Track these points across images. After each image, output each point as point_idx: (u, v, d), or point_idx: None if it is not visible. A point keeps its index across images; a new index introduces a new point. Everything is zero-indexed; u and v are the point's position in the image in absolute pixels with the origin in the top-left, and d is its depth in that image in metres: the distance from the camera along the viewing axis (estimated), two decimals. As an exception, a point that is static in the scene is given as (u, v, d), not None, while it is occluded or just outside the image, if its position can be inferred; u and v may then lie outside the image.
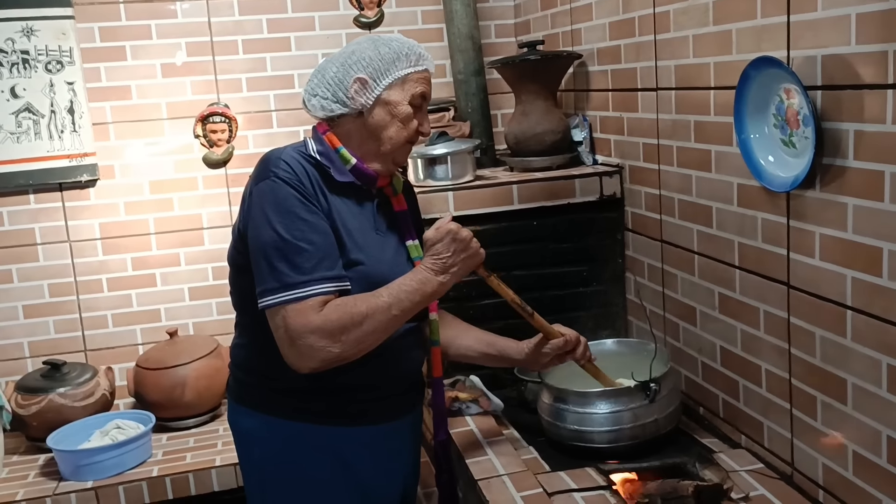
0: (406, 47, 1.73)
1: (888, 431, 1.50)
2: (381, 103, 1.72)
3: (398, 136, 1.74)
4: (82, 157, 2.95)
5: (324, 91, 1.73)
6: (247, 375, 1.80)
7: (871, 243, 1.50)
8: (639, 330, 2.51)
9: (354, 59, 1.71)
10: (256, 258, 1.62)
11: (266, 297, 1.59)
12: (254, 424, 1.78)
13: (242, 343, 1.81)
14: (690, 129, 2.08)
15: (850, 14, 1.48)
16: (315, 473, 1.76)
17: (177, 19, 3.01)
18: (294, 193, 1.62)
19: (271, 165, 1.65)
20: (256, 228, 1.62)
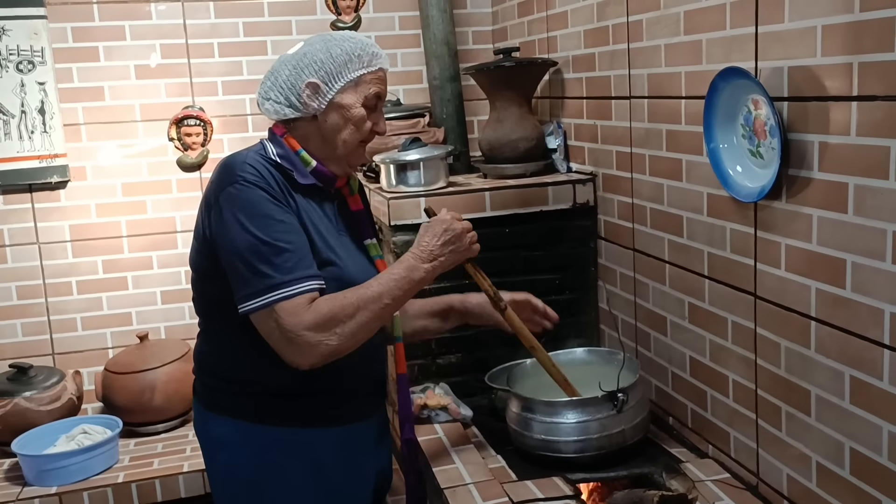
0: (359, 47, 1.70)
1: (851, 443, 1.50)
2: (335, 107, 1.70)
3: (352, 139, 1.73)
4: (53, 158, 2.92)
5: (276, 95, 1.71)
6: (217, 381, 1.77)
7: (834, 255, 1.50)
8: (610, 339, 2.50)
9: (306, 61, 1.68)
10: (233, 263, 1.59)
11: (251, 301, 1.57)
12: (224, 430, 1.75)
13: (210, 349, 1.79)
14: (662, 138, 2.08)
15: (817, 26, 1.49)
16: (288, 478, 1.74)
17: (151, 21, 2.99)
18: (265, 196, 1.61)
19: (237, 170, 1.62)
20: (230, 234, 1.59)
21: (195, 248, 1.72)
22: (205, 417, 1.80)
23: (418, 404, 2.26)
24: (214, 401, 1.78)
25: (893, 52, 1.31)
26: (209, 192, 1.66)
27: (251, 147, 1.75)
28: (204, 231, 1.66)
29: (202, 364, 1.82)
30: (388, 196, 2.41)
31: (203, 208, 1.68)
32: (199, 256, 1.71)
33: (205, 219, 1.66)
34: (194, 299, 1.79)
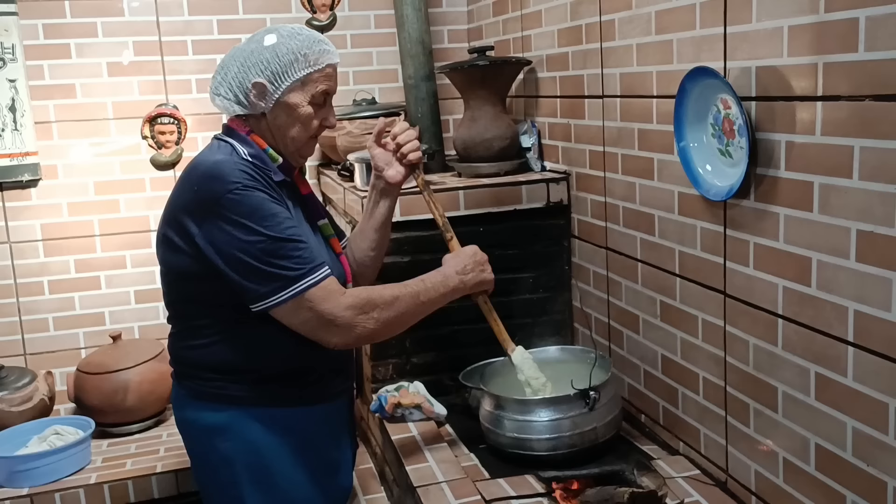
0: (305, 46, 1.70)
1: (816, 439, 1.52)
2: (282, 106, 1.73)
3: (300, 137, 1.76)
4: (24, 156, 2.88)
5: (226, 91, 1.73)
6: (210, 373, 1.76)
7: (801, 253, 1.51)
8: (584, 337, 2.52)
9: (254, 59, 1.69)
10: (244, 266, 1.60)
11: (276, 296, 1.61)
12: (220, 419, 1.75)
13: (203, 343, 1.75)
14: (634, 137, 2.09)
15: (783, 26, 1.50)
16: (285, 455, 1.77)
17: (124, 17, 2.97)
18: (266, 197, 1.64)
19: (228, 177, 1.62)
20: (238, 239, 1.60)
21: (177, 252, 1.69)
22: (196, 408, 1.79)
23: (392, 403, 2.26)
24: (207, 391, 1.77)
25: (857, 53, 1.33)
26: (196, 200, 1.64)
27: (211, 147, 1.75)
28: (193, 238, 1.64)
29: (191, 359, 1.79)
30: (362, 195, 2.41)
31: (184, 214, 1.65)
32: (187, 260, 1.68)
33: (190, 225, 1.64)
34: (174, 300, 1.79)
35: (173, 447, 2.73)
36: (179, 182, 1.72)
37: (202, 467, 1.84)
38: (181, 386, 1.83)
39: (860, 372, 1.40)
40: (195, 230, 1.64)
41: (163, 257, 1.75)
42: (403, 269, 2.37)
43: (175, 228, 1.68)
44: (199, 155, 1.75)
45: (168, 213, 1.72)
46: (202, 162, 1.69)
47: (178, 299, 1.78)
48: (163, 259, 1.75)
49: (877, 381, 1.36)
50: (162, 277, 1.80)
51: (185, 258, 1.68)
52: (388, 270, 2.40)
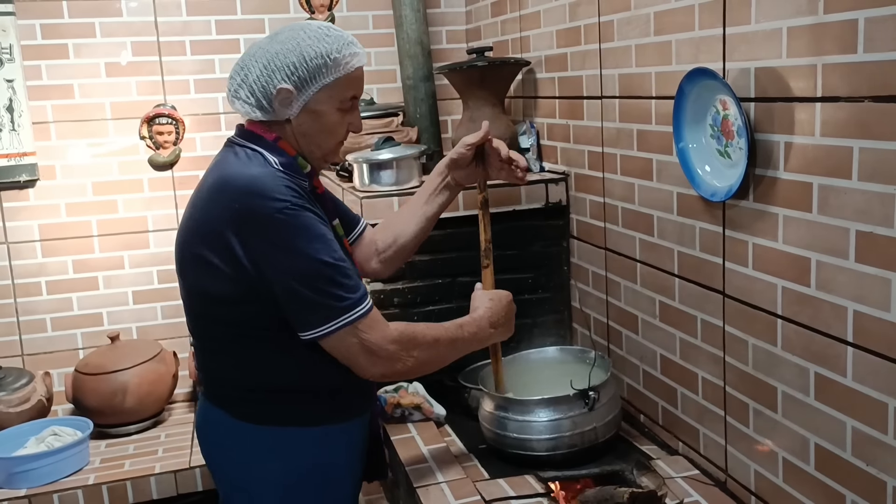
0: (335, 49, 1.59)
1: (815, 439, 1.53)
2: (308, 112, 1.63)
3: (328, 144, 1.69)
4: (21, 156, 2.88)
5: (246, 95, 1.62)
6: (271, 394, 1.66)
7: (800, 254, 1.52)
8: (583, 338, 2.52)
9: (279, 63, 1.59)
10: (294, 290, 1.52)
11: (328, 324, 1.54)
12: (277, 439, 1.67)
13: (255, 367, 1.65)
14: (633, 138, 2.10)
15: (782, 27, 1.51)
16: (336, 471, 1.74)
17: (122, 18, 2.96)
18: (314, 217, 1.55)
19: (274, 194, 1.51)
20: (294, 262, 1.51)
21: (217, 274, 1.56)
22: (245, 432, 1.68)
23: (391, 403, 2.26)
24: (254, 413, 1.67)
25: (856, 54, 1.33)
26: (239, 219, 1.52)
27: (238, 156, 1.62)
28: (239, 259, 1.53)
29: (239, 381, 1.67)
30: (360, 195, 2.41)
31: (226, 233, 1.53)
32: (229, 284, 1.56)
33: (235, 246, 1.52)
34: (211, 322, 1.65)
35: (172, 448, 2.73)
36: (210, 196, 1.58)
37: (251, 487, 1.71)
38: (226, 409, 1.69)
39: (859, 372, 1.40)
40: (240, 251, 1.52)
41: (196, 278, 1.61)
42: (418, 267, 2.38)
43: (214, 248, 1.55)
44: (227, 167, 1.60)
45: (199, 231, 1.58)
46: (237, 175, 1.56)
47: (215, 321, 1.64)
48: (195, 280, 1.62)
49: (876, 380, 1.37)
50: (190, 297, 1.66)
51: (225, 281, 1.56)
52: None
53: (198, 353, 1.75)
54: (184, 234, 1.64)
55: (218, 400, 1.71)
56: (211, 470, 1.80)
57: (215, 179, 1.60)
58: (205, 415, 1.76)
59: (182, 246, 1.64)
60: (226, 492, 1.77)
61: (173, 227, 3.06)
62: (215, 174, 1.62)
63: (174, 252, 1.70)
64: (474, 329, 1.78)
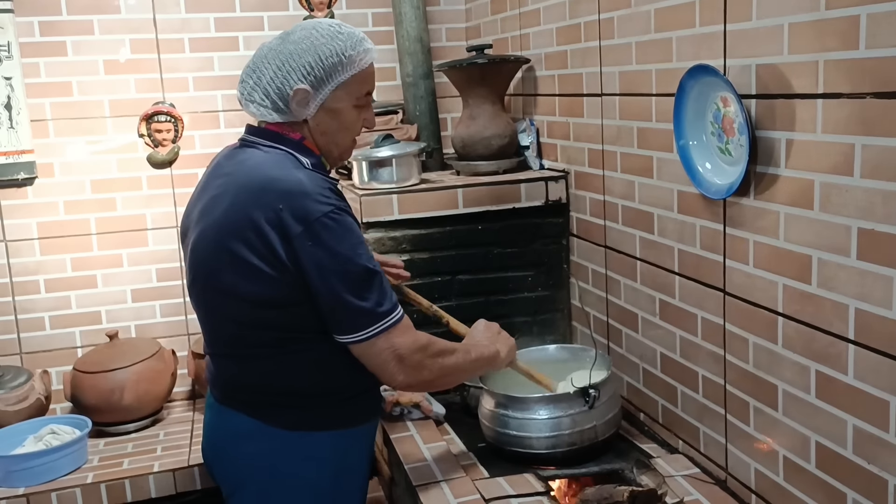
0: (349, 46, 1.60)
1: (816, 437, 1.52)
2: (325, 110, 1.63)
3: (345, 140, 1.70)
4: (19, 154, 2.87)
5: (261, 97, 1.61)
6: (309, 399, 1.64)
7: (801, 251, 1.51)
8: (583, 336, 2.51)
9: (293, 64, 1.58)
10: (340, 294, 1.51)
11: (366, 330, 1.54)
12: (313, 444, 1.65)
13: (290, 369, 1.62)
14: (633, 135, 2.09)
15: (783, 24, 1.50)
16: (358, 471, 1.76)
17: (120, 15, 2.95)
18: (354, 222, 1.56)
19: (319, 197, 1.50)
20: (340, 265, 1.50)
21: (259, 277, 1.53)
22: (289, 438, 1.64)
23: (390, 402, 2.26)
24: (297, 420, 1.64)
25: (858, 50, 1.33)
26: (283, 221, 1.49)
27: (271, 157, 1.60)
28: (279, 260, 1.51)
29: (281, 388, 1.64)
30: (360, 193, 2.40)
31: (268, 236, 1.50)
32: (271, 285, 1.53)
33: (278, 249, 1.50)
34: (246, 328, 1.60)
35: (170, 446, 2.73)
36: (248, 196, 1.54)
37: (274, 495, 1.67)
38: (257, 417, 1.64)
39: (861, 370, 1.40)
40: (283, 254, 1.50)
41: (236, 285, 1.55)
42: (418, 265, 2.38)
43: (253, 250, 1.51)
44: (261, 166, 1.58)
45: (235, 232, 1.53)
46: (278, 177, 1.53)
47: (253, 325, 1.59)
48: (235, 286, 1.55)
49: (877, 378, 1.36)
50: (233, 304, 1.59)
51: (266, 283, 1.53)
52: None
53: (224, 361, 1.68)
54: (209, 235, 1.58)
55: (247, 407, 1.65)
56: (230, 482, 1.72)
57: (251, 179, 1.56)
58: (230, 426, 1.68)
59: (208, 248, 1.59)
60: (251, 501, 1.69)
61: (172, 225, 3.05)
62: (248, 174, 1.58)
63: (189, 256, 1.65)
64: (479, 347, 1.81)
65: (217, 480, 1.78)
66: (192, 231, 1.65)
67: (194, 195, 1.72)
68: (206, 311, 1.68)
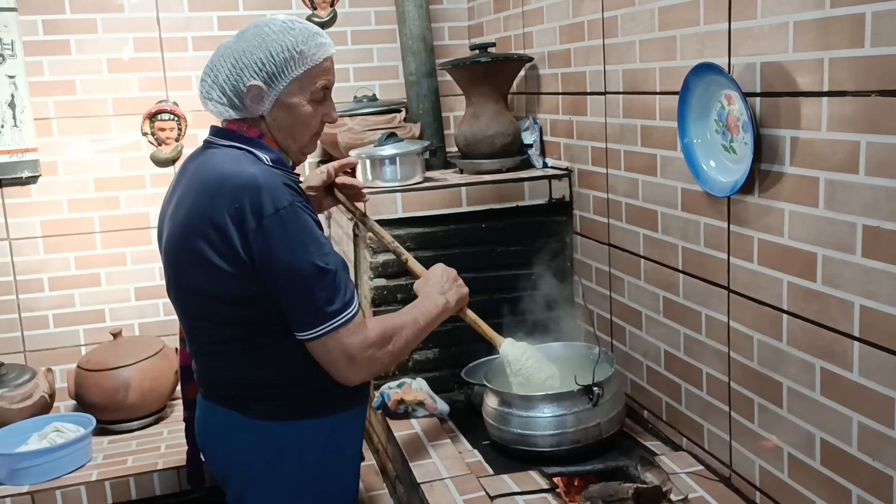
0: (300, 41, 1.59)
1: (821, 434, 1.52)
2: (281, 106, 1.63)
3: (303, 136, 1.68)
4: (23, 152, 2.87)
5: (218, 95, 1.62)
6: (284, 390, 1.66)
7: (806, 248, 1.52)
8: (586, 333, 2.51)
9: (246, 61, 1.59)
10: (290, 290, 1.53)
11: (315, 329, 1.55)
12: (293, 433, 1.67)
13: (268, 364, 1.63)
14: (637, 134, 2.09)
15: (788, 22, 1.50)
16: (346, 458, 1.75)
17: (124, 14, 2.96)
18: (312, 218, 1.56)
19: (275, 192, 1.52)
20: (290, 261, 1.51)
21: (218, 273, 1.54)
22: (266, 430, 1.67)
23: (395, 400, 2.26)
24: (275, 411, 1.66)
25: (863, 48, 1.33)
26: (240, 217, 1.50)
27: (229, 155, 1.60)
28: (237, 256, 1.52)
29: (256, 380, 1.65)
30: (364, 191, 2.40)
31: (226, 232, 1.51)
32: (234, 282, 1.55)
33: (236, 243, 1.51)
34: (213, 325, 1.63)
35: (174, 444, 2.73)
36: (206, 196, 1.55)
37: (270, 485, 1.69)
38: (248, 409, 1.66)
39: (866, 367, 1.40)
40: (240, 248, 1.51)
41: (197, 280, 1.58)
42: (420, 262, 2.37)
43: (216, 248, 1.53)
44: (218, 165, 1.58)
45: (198, 232, 1.55)
46: (235, 173, 1.54)
47: (223, 323, 1.62)
48: (199, 284, 1.58)
49: (883, 375, 1.36)
50: (198, 301, 1.62)
51: (229, 280, 1.54)
52: (390, 266, 2.41)
53: (202, 358, 1.72)
54: (176, 236, 1.61)
55: (227, 401, 1.69)
56: (220, 473, 1.76)
57: (209, 178, 1.57)
58: (212, 418, 1.72)
59: (176, 249, 1.61)
60: (239, 491, 1.72)
61: (175, 224, 3.05)
62: (206, 173, 1.59)
63: (164, 255, 1.67)
64: (428, 303, 1.80)
65: (213, 472, 1.82)
66: (164, 233, 1.68)
67: (165, 198, 1.73)
68: (181, 311, 1.71)
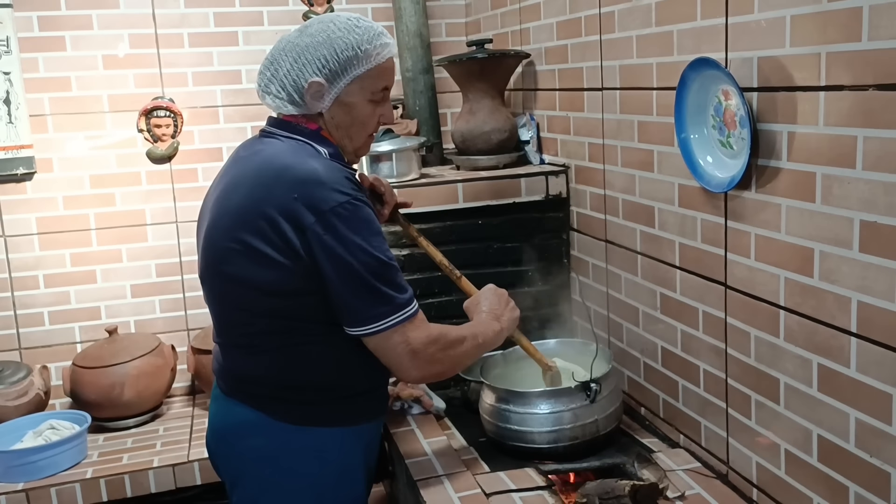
0: (365, 40, 1.58)
1: (818, 430, 1.52)
2: (340, 104, 1.62)
3: (360, 136, 1.67)
4: (18, 149, 2.86)
5: (277, 90, 1.61)
6: (311, 394, 1.63)
7: (803, 244, 1.51)
8: (583, 330, 2.51)
9: (308, 56, 1.58)
10: (354, 285, 1.51)
11: (379, 322, 1.53)
12: (315, 439, 1.64)
13: (294, 362, 1.61)
14: (634, 129, 2.09)
15: (786, 16, 1.49)
16: (360, 470, 1.73)
17: (119, 10, 2.94)
18: (372, 212, 1.55)
19: (337, 186, 1.50)
20: (355, 255, 1.49)
21: (270, 265, 1.52)
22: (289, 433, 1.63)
23: (391, 396, 2.25)
24: (300, 415, 1.63)
25: (860, 42, 1.32)
26: (298, 209, 1.48)
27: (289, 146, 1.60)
28: (290, 247, 1.50)
29: (282, 381, 1.62)
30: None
31: (282, 223, 1.49)
32: (280, 273, 1.52)
33: (291, 236, 1.49)
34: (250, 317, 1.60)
35: (170, 442, 2.72)
36: (260, 184, 1.54)
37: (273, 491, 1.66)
38: (261, 410, 1.63)
39: (863, 362, 1.39)
40: (297, 242, 1.49)
41: (241, 269, 1.55)
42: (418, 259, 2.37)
43: (263, 237, 1.51)
44: (277, 154, 1.58)
45: (247, 220, 1.53)
46: (293, 165, 1.53)
47: (261, 314, 1.59)
48: (240, 271, 1.55)
49: (880, 371, 1.36)
50: (239, 291, 1.58)
51: (276, 271, 1.52)
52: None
53: (233, 352, 1.67)
54: (223, 223, 1.57)
55: (251, 399, 1.65)
56: (230, 476, 1.72)
57: (266, 168, 1.56)
58: (234, 419, 1.67)
59: (221, 236, 1.57)
60: (252, 496, 1.68)
61: (171, 221, 3.04)
62: (263, 162, 1.58)
63: (201, 243, 1.65)
64: (484, 328, 1.77)
65: (219, 473, 1.77)
66: (206, 218, 1.65)
67: (212, 184, 1.71)
68: (215, 299, 1.67)
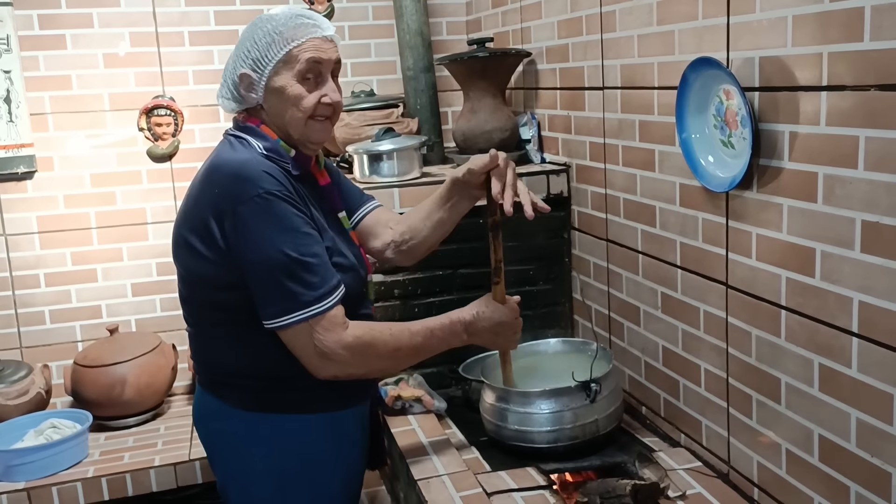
0: (281, 24, 1.61)
1: (820, 430, 1.52)
2: (270, 91, 1.64)
3: (297, 119, 1.65)
4: (19, 147, 2.86)
5: (224, 90, 1.69)
6: (264, 381, 1.67)
7: (804, 244, 1.51)
8: (584, 329, 2.51)
9: (238, 52, 1.66)
10: (261, 279, 1.55)
11: (283, 317, 1.55)
12: (270, 426, 1.68)
13: (248, 352, 1.66)
14: (635, 129, 2.09)
15: (787, 16, 1.49)
16: (331, 461, 1.74)
17: (120, 8, 2.94)
18: (289, 208, 1.56)
19: (254, 180, 1.54)
20: (258, 250, 1.54)
21: (201, 258, 1.60)
22: (239, 418, 1.69)
23: (392, 396, 2.26)
24: (261, 401, 1.68)
25: (862, 42, 1.32)
26: (217, 203, 1.56)
27: (229, 145, 1.66)
28: (216, 242, 1.57)
29: (241, 369, 1.68)
30: (361, 186, 2.39)
31: (207, 217, 1.57)
32: (213, 267, 1.60)
33: (214, 229, 1.56)
34: (201, 306, 1.69)
35: (171, 441, 2.72)
36: (199, 183, 1.63)
37: (245, 477, 1.71)
38: (229, 398, 1.70)
39: (865, 363, 1.39)
40: (218, 235, 1.56)
41: (184, 262, 1.66)
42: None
43: (197, 232, 1.59)
44: (218, 154, 1.66)
45: (188, 216, 1.63)
46: (225, 162, 1.60)
47: (206, 306, 1.68)
48: (184, 264, 1.66)
49: (881, 371, 1.36)
50: (183, 282, 1.70)
51: (209, 265, 1.60)
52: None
53: (192, 340, 1.77)
54: (177, 220, 1.69)
55: (212, 387, 1.74)
56: (209, 459, 1.81)
57: (207, 167, 1.65)
58: (200, 403, 1.78)
59: (174, 232, 1.68)
60: (222, 481, 1.78)
61: (172, 219, 2.98)
62: (208, 162, 1.67)
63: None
64: (445, 334, 1.75)
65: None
66: None
67: None
68: (178, 293, 1.75)
